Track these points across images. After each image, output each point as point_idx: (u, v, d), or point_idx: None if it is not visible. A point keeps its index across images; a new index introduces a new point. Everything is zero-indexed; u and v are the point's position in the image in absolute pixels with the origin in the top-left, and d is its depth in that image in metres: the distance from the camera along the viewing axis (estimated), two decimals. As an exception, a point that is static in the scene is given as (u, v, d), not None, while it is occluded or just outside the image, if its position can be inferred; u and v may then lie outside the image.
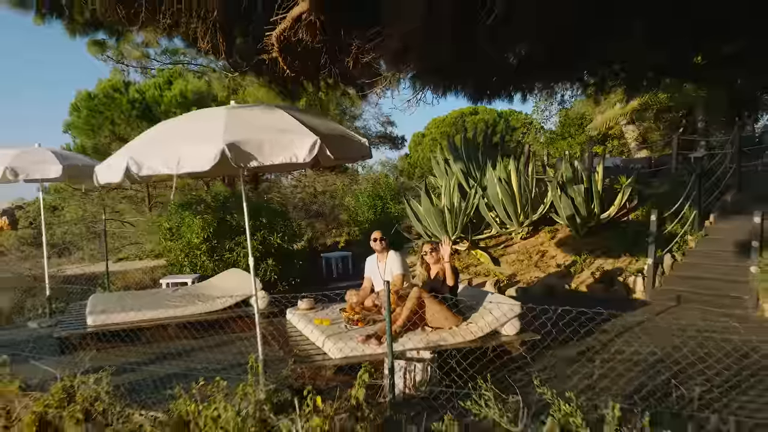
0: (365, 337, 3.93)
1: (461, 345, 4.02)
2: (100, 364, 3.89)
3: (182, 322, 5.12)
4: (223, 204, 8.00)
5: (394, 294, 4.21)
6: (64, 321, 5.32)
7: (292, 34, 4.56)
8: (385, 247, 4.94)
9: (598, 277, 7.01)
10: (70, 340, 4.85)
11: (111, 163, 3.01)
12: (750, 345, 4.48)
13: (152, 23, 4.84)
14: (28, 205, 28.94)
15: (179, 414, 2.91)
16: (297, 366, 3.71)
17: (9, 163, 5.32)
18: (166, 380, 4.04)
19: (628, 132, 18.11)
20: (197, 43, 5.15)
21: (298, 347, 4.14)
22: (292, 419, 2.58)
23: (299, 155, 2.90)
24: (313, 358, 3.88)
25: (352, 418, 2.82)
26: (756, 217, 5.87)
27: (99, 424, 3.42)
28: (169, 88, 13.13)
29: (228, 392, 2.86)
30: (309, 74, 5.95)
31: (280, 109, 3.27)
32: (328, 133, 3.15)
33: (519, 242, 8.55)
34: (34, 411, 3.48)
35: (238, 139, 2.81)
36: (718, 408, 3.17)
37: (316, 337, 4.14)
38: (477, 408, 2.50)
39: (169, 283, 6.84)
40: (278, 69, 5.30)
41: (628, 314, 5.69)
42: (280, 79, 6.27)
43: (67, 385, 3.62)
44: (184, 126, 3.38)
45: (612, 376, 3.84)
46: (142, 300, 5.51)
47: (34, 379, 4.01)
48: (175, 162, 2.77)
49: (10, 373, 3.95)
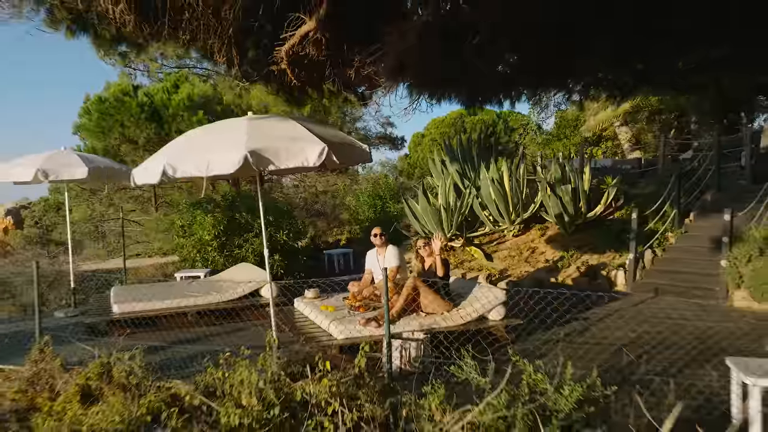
0: (366, 320, 4.43)
1: (451, 328, 4.51)
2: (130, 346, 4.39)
3: (200, 310, 5.62)
4: (231, 203, 8.50)
5: (392, 283, 4.71)
6: (90, 310, 5.82)
7: (299, 49, 5.07)
8: (385, 242, 5.43)
9: (583, 271, 7.51)
10: (99, 326, 5.35)
11: (148, 167, 3.51)
12: (712, 330, 5.01)
13: (173, 38, 5.34)
14: (33, 205, 29.37)
15: (206, 382, 3.41)
16: (305, 345, 4.20)
17: (40, 165, 5.82)
18: (188, 360, 4.54)
19: (622, 133, 18.61)
20: (213, 56, 5.65)
21: (306, 330, 4.64)
22: (305, 383, 3.07)
23: (310, 160, 3.40)
24: (320, 338, 4.38)
25: (355, 384, 3.32)
26: (726, 215, 6.37)
27: (134, 394, 3.92)
28: (176, 92, 13.62)
29: (248, 365, 3.36)
30: (314, 83, 6.43)
31: (293, 120, 3.77)
32: (334, 141, 3.65)
33: (511, 239, 9.04)
34: (77, 383, 3.96)
35: (258, 147, 3.30)
36: (666, 376, 3.68)
37: (322, 321, 4.64)
38: (458, 371, 3.00)
39: (182, 276, 7.34)
40: (286, 79, 5.81)
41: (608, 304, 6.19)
42: (287, 87, 6.76)
43: (104, 362, 4.11)
44: (211, 135, 3.88)
45: (581, 353, 4.35)
46: (161, 291, 6.01)
47: (72, 358, 4.50)
48: (205, 166, 3.27)
49: (52, 352, 4.44)
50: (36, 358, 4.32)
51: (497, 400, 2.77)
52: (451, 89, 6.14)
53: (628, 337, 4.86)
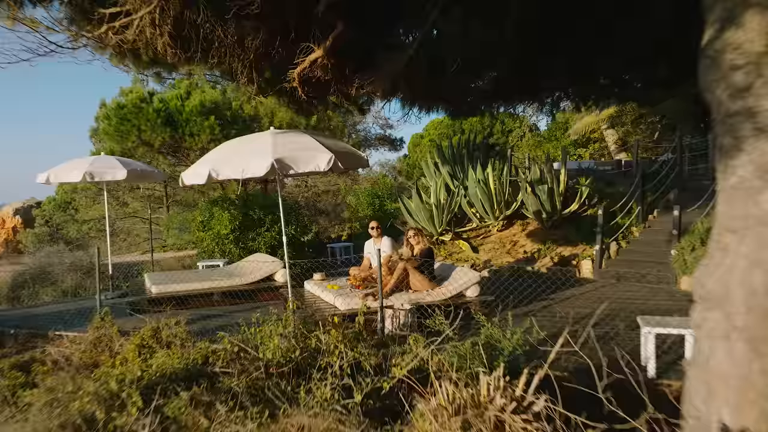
0: (364, 295, 5.44)
1: (434, 302, 5.51)
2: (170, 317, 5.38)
3: (224, 291, 6.63)
4: (245, 202, 9.50)
5: (387, 268, 5.72)
6: (127, 293, 6.82)
7: (309, 71, 6.08)
8: (380, 233, 6.44)
9: (557, 261, 8.52)
10: (137, 305, 6.35)
11: (196, 171, 4.52)
12: (654, 307, 6.02)
13: (203, 62, 6.35)
14: (43, 205, 30.27)
15: (242, 337, 4.41)
16: (315, 314, 5.21)
17: (87, 168, 6.83)
18: (217, 330, 5.53)
19: (608, 135, 19.62)
20: (235, 76, 6.66)
21: (315, 304, 5.65)
22: (318, 333, 4.08)
23: (321, 166, 4.40)
24: (326, 310, 5.39)
25: (356, 338, 4.33)
26: (675, 210, 7.38)
27: (178, 349, 4.93)
28: (189, 98, 14.64)
29: (274, 322, 4.36)
30: (320, 98, 7.46)
31: (306, 134, 4.79)
32: (339, 151, 4.66)
33: (495, 234, 10.05)
34: (134, 342, 4.96)
35: (281, 156, 4.30)
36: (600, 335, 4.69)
37: (328, 296, 5.65)
38: (432, 322, 4.01)
39: (204, 265, 8.35)
40: (297, 94, 6.84)
41: (574, 287, 7.21)
42: (296, 101, 7.80)
43: (154, 326, 5.11)
44: (244, 146, 4.90)
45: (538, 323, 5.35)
46: (189, 276, 7.02)
47: (125, 327, 5.51)
48: (241, 170, 4.28)
49: (110, 321, 5.45)
50: (98, 325, 5.33)
51: (462, 345, 3.78)
52: (436, 104, 7.18)
53: (582, 313, 5.87)
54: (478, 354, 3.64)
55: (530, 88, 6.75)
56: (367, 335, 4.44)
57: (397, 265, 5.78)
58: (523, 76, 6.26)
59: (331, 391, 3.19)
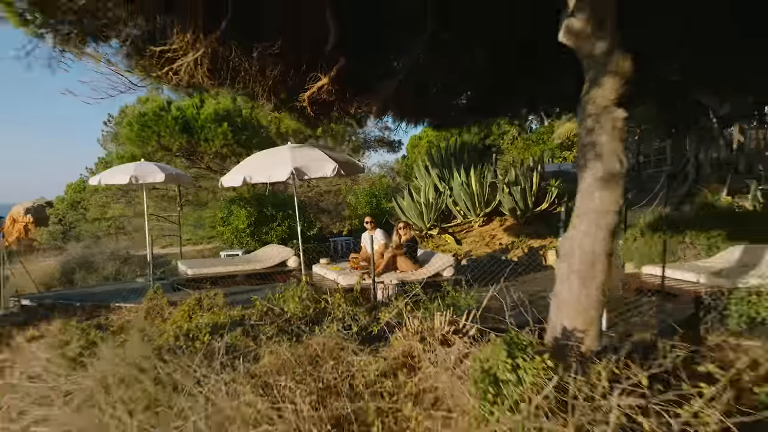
0: (361, 274, 6.87)
1: (417, 280, 6.94)
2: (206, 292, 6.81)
3: (246, 273, 8.07)
4: (259, 201, 10.95)
5: (379, 253, 7.16)
6: (166, 276, 8.25)
7: (316, 94, 7.53)
8: (374, 226, 7.87)
9: (526, 252, 9.96)
10: (178, 285, 7.79)
11: (233, 176, 5.95)
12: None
13: (230, 86, 7.80)
14: (57, 204, 31.59)
15: (268, 299, 5.85)
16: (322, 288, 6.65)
17: (132, 172, 8.27)
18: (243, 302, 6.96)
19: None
20: (255, 97, 8.12)
21: (322, 281, 7.09)
22: (326, 296, 5.52)
23: (327, 173, 5.84)
24: (331, 286, 6.82)
25: (354, 303, 5.77)
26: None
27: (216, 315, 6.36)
28: (203, 106, 16.09)
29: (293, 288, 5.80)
30: (325, 114, 8.93)
31: (316, 148, 6.22)
32: (341, 161, 6.09)
33: (477, 229, 11.49)
34: (182, 309, 6.40)
35: (298, 165, 5.74)
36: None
37: (332, 275, 7.09)
38: (410, 288, 5.44)
39: (225, 254, 9.79)
40: (306, 112, 8.30)
41: (537, 273, 8.64)
42: (305, 116, 9.29)
43: (197, 297, 6.55)
44: (269, 157, 6.34)
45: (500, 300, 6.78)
46: (216, 262, 8.45)
47: (171, 300, 6.94)
48: (268, 176, 5.71)
49: (161, 294, 6.89)
50: (151, 297, 6.76)
51: (431, 304, 5.22)
52: (422, 119, 8.63)
53: (534, 291, 7.29)
54: (441, 308, 5.07)
55: (502, 105, 8.18)
56: (363, 301, 5.89)
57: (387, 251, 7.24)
58: (496, 95, 7.73)
59: (336, 329, 4.62)
